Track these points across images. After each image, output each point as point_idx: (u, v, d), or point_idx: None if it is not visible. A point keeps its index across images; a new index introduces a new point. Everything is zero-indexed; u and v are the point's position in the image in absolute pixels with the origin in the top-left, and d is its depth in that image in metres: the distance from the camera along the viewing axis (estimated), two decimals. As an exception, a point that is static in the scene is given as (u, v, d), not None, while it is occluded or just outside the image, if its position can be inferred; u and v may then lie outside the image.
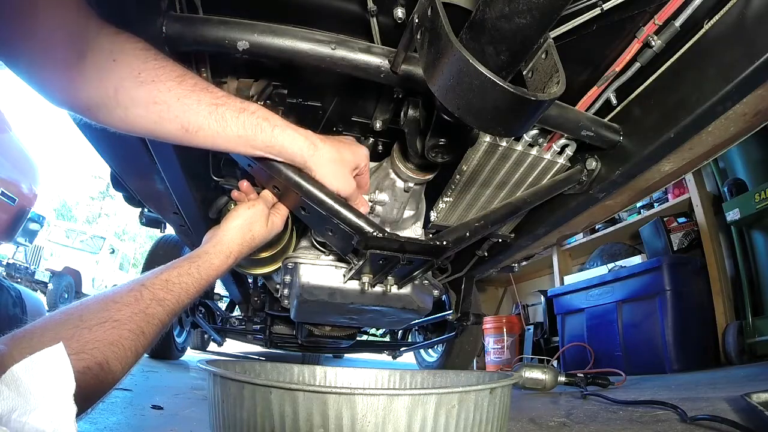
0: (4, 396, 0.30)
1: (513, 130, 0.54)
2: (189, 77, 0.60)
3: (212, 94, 0.62)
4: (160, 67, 0.58)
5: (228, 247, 0.74)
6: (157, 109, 0.58)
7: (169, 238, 2.28)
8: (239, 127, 0.63)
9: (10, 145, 3.39)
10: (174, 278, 0.63)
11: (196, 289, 0.65)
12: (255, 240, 0.78)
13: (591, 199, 0.99)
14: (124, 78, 0.56)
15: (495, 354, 3.48)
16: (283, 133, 0.67)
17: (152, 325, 0.57)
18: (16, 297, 1.54)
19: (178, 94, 0.59)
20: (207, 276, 0.68)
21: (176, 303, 0.61)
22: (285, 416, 0.57)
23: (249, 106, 0.65)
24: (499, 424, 0.66)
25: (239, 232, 0.76)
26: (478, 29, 0.49)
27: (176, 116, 0.59)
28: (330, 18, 0.74)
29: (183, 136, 0.62)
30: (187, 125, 0.60)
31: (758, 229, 2.14)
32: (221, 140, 0.63)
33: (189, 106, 0.60)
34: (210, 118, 0.61)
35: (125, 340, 0.52)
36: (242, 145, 0.65)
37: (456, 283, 1.53)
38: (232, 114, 0.62)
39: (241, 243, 0.76)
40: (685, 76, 0.78)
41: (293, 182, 0.72)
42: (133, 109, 0.58)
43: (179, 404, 1.29)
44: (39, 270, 7.80)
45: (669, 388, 1.61)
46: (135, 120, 0.59)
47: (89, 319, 0.51)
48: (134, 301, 0.56)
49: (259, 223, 0.79)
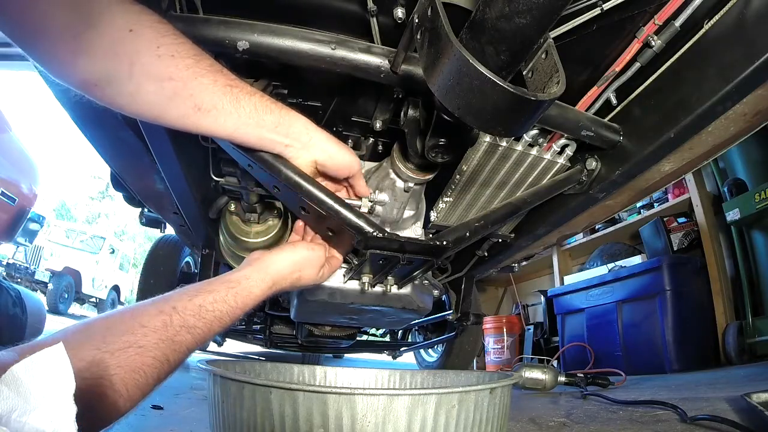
0: (4, 396, 0.30)
1: (513, 130, 0.54)
2: (206, 57, 0.59)
3: (226, 76, 0.61)
4: (179, 43, 0.56)
5: (272, 279, 0.69)
6: (172, 86, 0.56)
7: (169, 238, 2.28)
8: (251, 108, 0.62)
9: (10, 145, 3.39)
10: (208, 305, 0.59)
11: (230, 318, 0.62)
12: (300, 281, 0.74)
13: (591, 199, 0.99)
14: (141, 50, 0.53)
15: (495, 354, 3.48)
16: (289, 113, 0.66)
17: (179, 353, 0.54)
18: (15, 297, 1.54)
19: (196, 72, 0.57)
20: (243, 305, 0.64)
21: (207, 331, 0.58)
22: (285, 416, 0.57)
23: (257, 91, 0.65)
24: (499, 424, 0.66)
25: (289, 268, 0.72)
26: (478, 29, 0.49)
27: (191, 94, 0.58)
28: (330, 18, 0.74)
29: (192, 116, 0.59)
30: (201, 104, 0.59)
31: (758, 229, 2.15)
32: (232, 121, 0.62)
33: (205, 85, 0.58)
34: (224, 98, 0.60)
35: (148, 368, 0.50)
36: (252, 125, 0.64)
37: (456, 283, 1.53)
38: (244, 95, 0.62)
39: (286, 278, 0.72)
40: (685, 76, 0.78)
41: (293, 182, 0.72)
42: (146, 85, 0.55)
43: (179, 404, 1.29)
44: (39, 270, 7.80)
45: (669, 388, 1.61)
46: (145, 97, 0.56)
47: (113, 342, 0.49)
48: (162, 327, 0.53)
49: (312, 267, 0.75)
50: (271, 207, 1.11)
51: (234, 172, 1.01)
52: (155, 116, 0.59)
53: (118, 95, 0.56)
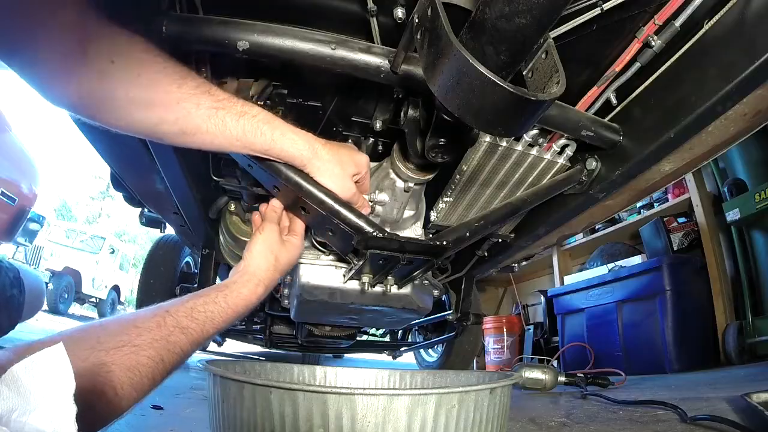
0: (4, 396, 0.30)
1: (513, 130, 0.54)
2: (190, 79, 0.60)
3: (213, 97, 0.61)
4: (160, 70, 0.58)
5: (255, 275, 0.71)
6: (156, 112, 0.58)
7: (169, 238, 2.28)
8: (239, 131, 0.63)
9: (10, 145, 3.38)
10: (200, 306, 0.61)
11: (222, 318, 0.63)
12: (280, 262, 0.76)
13: (591, 199, 0.99)
14: (122, 80, 0.56)
15: (495, 354, 3.48)
16: (283, 137, 0.66)
17: (173, 353, 0.55)
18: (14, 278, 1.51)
19: (178, 97, 0.58)
20: (235, 306, 0.66)
21: (200, 332, 0.59)
22: (285, 416, 0.57)
23: (250, 110, 0.64)
24: (499, 424, 0.66)
25: (261, 257, 0.74)
26: (478, 29, 0.49)
27: (175, 120, 0.59)
28: (330, 18, 0.74)
29: (181, 138, 0.62)
30: (185, 128, 0.60)
31: (758, 229, 2.15)
32: (219, 142, 0.63)
33: (188, 109, 0.59)
34: (209, 122, 0.61)
35: (143, 367, 0.51)
36: (241, 147, 0.65)
37: (456, 283, 1.53)
38: (232, 118, 0.62)
39: (267, 268, 0.73)
40: (685, 76, 0.78)
41: (293, 182, 0.72)
42: (133, 111, 0.58)
43: (179, 404, 1.28)
44: (39, 270, 7.79)
45: (669, 388, 1.61)
46: (133, 121, 0.59)
47: (107, 341, 0.50)
48: (156, 327, 0.54)
49: (275, 243, 0.77)
50: (271, 207, 1.11)
51: (234, 172, 1.01)
52: (148, 136, 0.62)
53: (109, 118, 0.59)
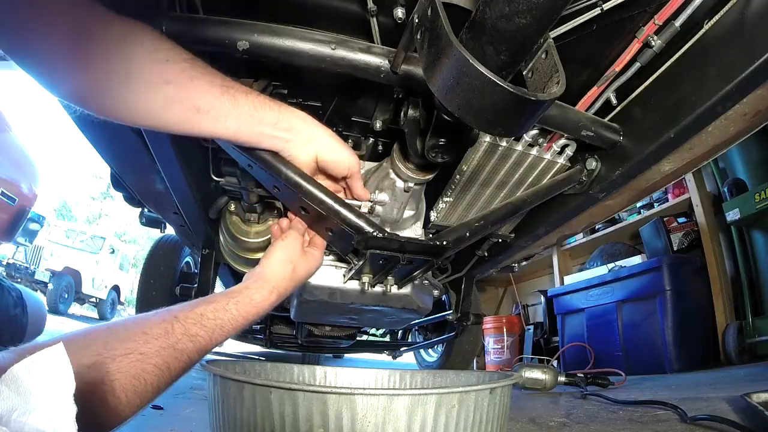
0: (4, 396, 0.30)
1: (513, 130, 0.54)
2: (200, 61, 0.61)
3: (222, 78, 0.62)
4: (173, 50, 0.58)
5: (269, 283, 0.69)
6: (170, 89, 0.57)
7: (169, 238, 2.28)
8: (250, 106, 0.63)
9: (10, 145, 3.39)
10: (209, 313, 0.60)
11: (232, 326, 0.62)
12: (297, 273, 0.74)
13: (591, 199, 0.99)
14: (136, 56, 0.55)
15: (495, 354, 3.48)
16: (287, 109, 0.68)
17: (180, 361, 0.54)
18: (17, 297, 1.53)
19: (191, 75, 0.59)
20: (245, 313, 0.64)
21: (209, 340, 0.58)
22: (285, 416, 0.57)
23: (254, 91, 0.66)
24: (499, 424, 0.66)
25: (280, 265, 0.72)
26: (478, 29, 0.49)
27: (188, 96, 0.59)
28: (330, 18, 0.74)
29: (192, 118, 0.60)
30: (200, 105, 0.60)
31: (758, 229, 2.15)
32: (232, 120, 0.63)
33: (202, 86, 0.60)
34: (222, 98, 0.61)
35: (148, 375, 0.50)
36: (253, 123, 0.65)
37: (456, 283, 1.53)
38: (241, 94, 0.63)
39: (283, 277, 0.71)
40: (685, 76, 0.78)
41: (293, 182, 0.72)
42: (143, 90, 0.57)
43: (179, 404, 1.29)
44: (39, 270, 7.80)
45: (669, 388, 1.61)
46: (143, 104, 0.57)
47: (114, 348, 0.49)
48: (164, 334, 0.53)
49: (296, 253, 0.75)
50: (271, 207, 1.11)
51: (234, 172, 1.01)
52: (155, 123, 0.60)
53: (116, 104, 0.57)
